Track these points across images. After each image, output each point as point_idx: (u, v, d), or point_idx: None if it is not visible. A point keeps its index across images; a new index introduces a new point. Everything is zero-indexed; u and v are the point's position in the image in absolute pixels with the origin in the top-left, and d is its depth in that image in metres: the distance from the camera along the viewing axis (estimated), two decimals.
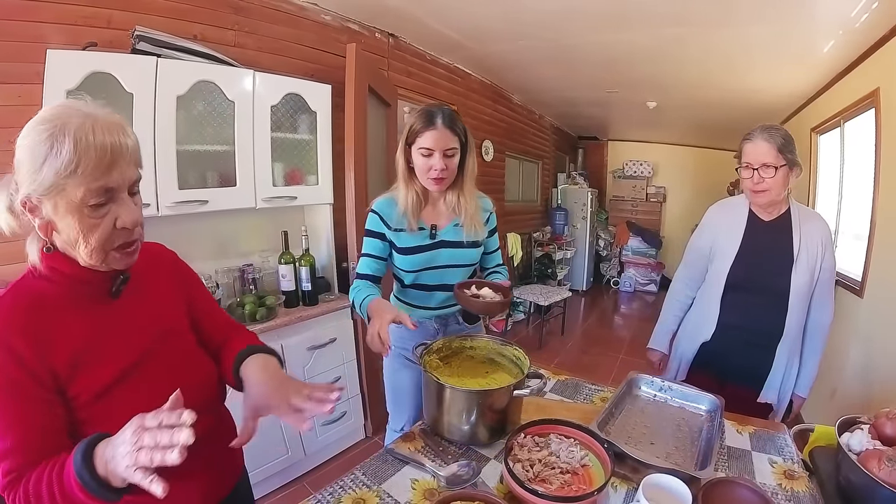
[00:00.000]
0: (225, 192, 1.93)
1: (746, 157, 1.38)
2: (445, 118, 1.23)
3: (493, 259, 1.52)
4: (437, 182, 1.27)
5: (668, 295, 1.74)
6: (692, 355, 1.59)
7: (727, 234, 1.50)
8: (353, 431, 2.45)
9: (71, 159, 0.63)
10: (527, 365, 1.04)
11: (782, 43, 2.73)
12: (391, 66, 3.12)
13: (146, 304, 0.82)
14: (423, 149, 1.23)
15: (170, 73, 1.73)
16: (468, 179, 1.34)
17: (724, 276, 1.48)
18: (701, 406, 1.22)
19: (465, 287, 1.27)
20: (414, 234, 1.31)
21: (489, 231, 1.44)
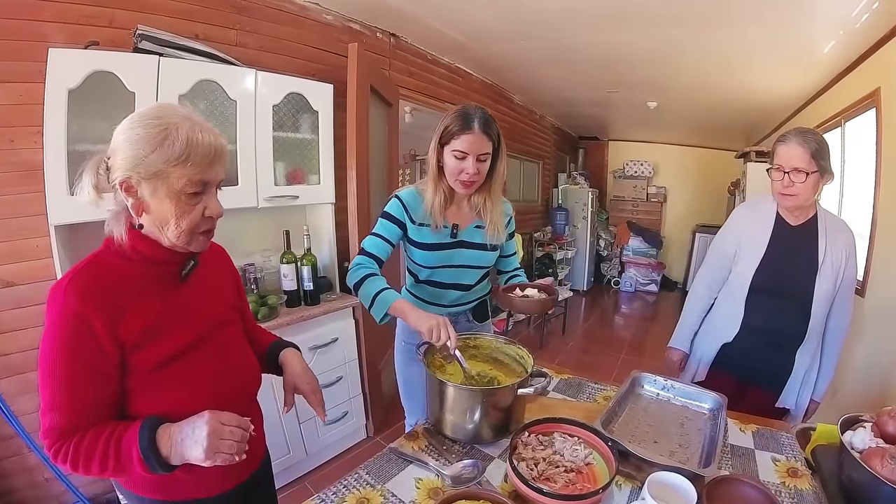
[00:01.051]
0: (227, 192, 1.87)
1: (778, 158, 1.37)
2: (482, 122, 1.22)
3: (511, 262, 1.53)
4: (467, 186, 1.26)
5: (689, 295, 1.73)
6: (712, 356, 1.59)
7: (753, 237, 1.49)
8: (355, 431, 2.45)
9: (183, 151, 0.73)
10: (530, 364, 1.05)
11: (782, 44, 2.74)
12: (393, 66, 3.12)
13: (206, 292, 0.91)
14: (457, 151, 1.22)
15: (172, 73, 1.73)
16: (497, 184, 1.34)
17: (748, 279, 1.48)
18: (704, 404, 1.22)
19: (509, 291, 1.31)
20: (436, 231, 1.32)
21: (508, 234, 1.45)
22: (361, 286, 1.23)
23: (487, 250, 1.38)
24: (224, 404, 0.82)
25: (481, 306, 1.53)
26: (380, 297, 1.18)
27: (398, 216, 1.32)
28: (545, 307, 1.29)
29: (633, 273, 6.58)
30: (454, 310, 1.44)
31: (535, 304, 1.26)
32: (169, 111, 0.76)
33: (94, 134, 1.62)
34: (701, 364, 1.62)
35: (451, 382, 0.95)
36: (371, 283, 1.22)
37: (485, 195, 1.34)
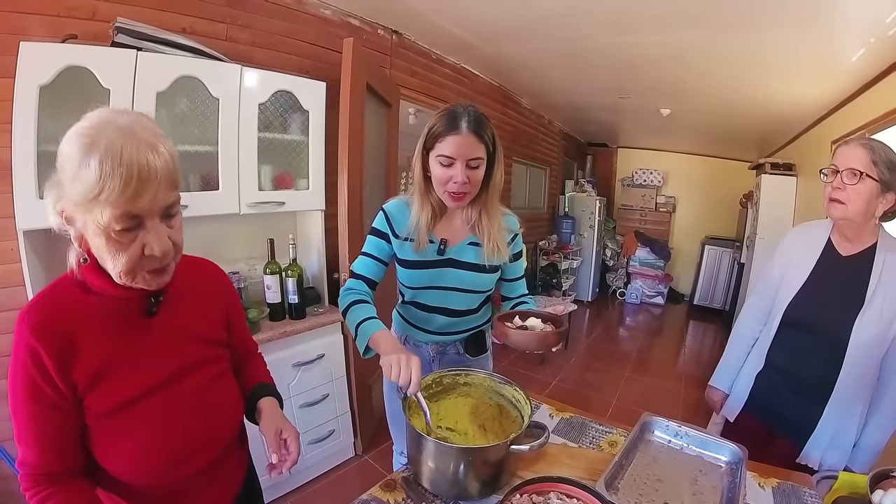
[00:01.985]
0: (206, 197, 1.80)
1: (835, 158, 1.19)
2: (472, 122, 1.05)
3: (516, 288, 1.32)
4: (456, 198, 1.09)
5: (734, 327, 1.56)
6: (743, 396, 1.43)
7: (798, 264, 1.32)
8: (342, 450, 2.31)
9: (95, 182, 0.60)
10: (528, 412, 0.90)
11: (807, 50, 2.57)
12: (394, 65, 2.99)
13: (180, 328, 0.81)
14: (442, 157, 1.05)
15: (150, 68, 1.61)
16: (493, 194, 1.16)
17: (782, 310, 1.31)
18: (720, 456, 1.07)
19: (506, 320, 1.09)
20: (420, 248, 1.16)
21: (513, 255, 1.25)
22: (347, 314, 1.11)
23: (484, 272, 1.18)
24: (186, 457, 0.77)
25: (476, 338, 1.33)
26: (361, 328, 1.05)
27: (382, 229, 1.18)
28: (547, 343, 1.02)
29: (640, 284, 6.40)
30: (442, 338, 1.28)
31: (534, 338, 1.02)
32: (98, 122, 0.64)
33: (65, 133, 1.52)
34: (730, 404, 1.46)
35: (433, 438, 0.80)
36: (355, 312, 1.09)
37: (479, 207, 1.16)
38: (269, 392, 0.98)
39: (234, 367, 0.96)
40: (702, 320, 5.76)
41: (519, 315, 1.10)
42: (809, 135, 4.13)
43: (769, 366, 1.35)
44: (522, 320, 1.08)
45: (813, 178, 3.93)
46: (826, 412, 1.23)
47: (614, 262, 6.65)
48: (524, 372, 3.76)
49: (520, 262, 1.31)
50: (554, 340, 1.02)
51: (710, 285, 6.05)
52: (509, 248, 1.22)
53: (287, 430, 0.90)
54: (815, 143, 3.91)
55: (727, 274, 5.81)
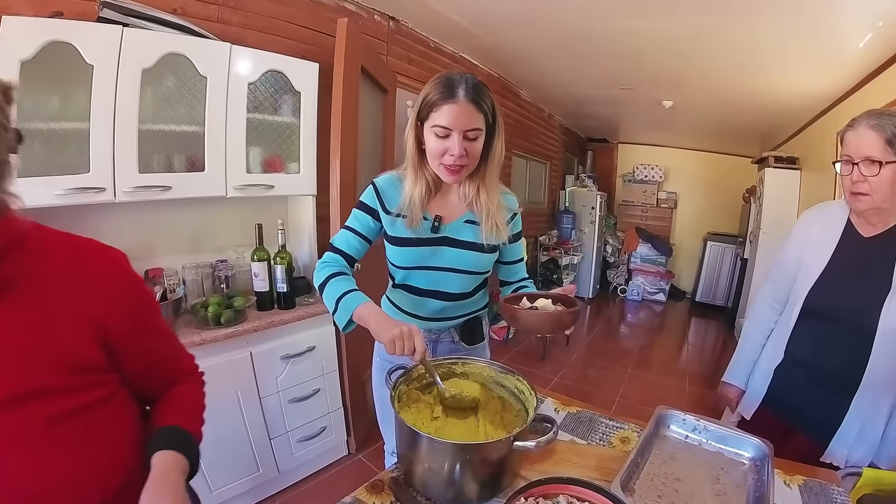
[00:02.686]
0: (191, 178, 1.71)
1: (846, 148, 1.10)
2: (469, 89, 0.96)
3: (515, 271, 1.24)
4: (453, 171, 1.00)
5: (747, 318, 1.47)
6: (760, 391, 1.33)
7: (816, 248, 1.23)
8: (335, 448, 2.22)
9: None
10: (533, 404, 0.80)
11: (812, 37, 2.48)
12: (391, 52, 2.89)
13: (14, 335, 0.57)
14: (438, 127, 0.97)
15: (136, 44, 1.53)
16: (492, 169, 1.08)
17: (801, 298, 1.22)
18: (744, 452, 0.98)
19: (513, 302, 0.99)
20: (413, 225, 1.07)
21: (513, 235, 1.17)
22: (325, 288, 1.01)
23: (482, 251, 1.10)
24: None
25: (472, 324, 1.24)
26: (343, 300, 0.96)
27: (371, 204, 1.09)
28: (562, 324, 0.93)
29: (641, 281, 6.31)
30: (435, 325, 1.18)
31: (548, 319, 0.92)
32: None
33: (47, 110, 1.45)
34: (747, 400, 1.37)
35: (425, 433, 0.70)
36: (335, 285, 1.00)
37: (477, 183, 1.07)
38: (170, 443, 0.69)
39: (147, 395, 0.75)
40: (704, 317, 5.68)
41: (527, 297, 1.01)
42: (813, 127, 4.04)
43: (789, 358, 1.26)
44: (531, 302, 0.98)
45: (817, 172, 3.86)
46: (853, 405, 1.14)
47: (615, 259, 6.56)
48: (524, 368, 3.66)
49: (519, 244, 1.23)
50: (570, 320, 0.92)
51: (712, 282, 5.97)
52: (508, 227, 1.13)
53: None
54: (819, 135, 3.83)
55: (729, 270, 5.73)
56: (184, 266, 1.90)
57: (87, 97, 1.46)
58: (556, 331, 0.95)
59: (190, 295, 1.89)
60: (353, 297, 0.97)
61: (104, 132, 1.50)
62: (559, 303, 0.99)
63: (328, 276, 1.03)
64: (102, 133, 1.49)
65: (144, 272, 1.77)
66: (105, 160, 1.51)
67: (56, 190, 1.42)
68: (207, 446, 1.67)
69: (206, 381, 1.05)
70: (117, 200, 1.55)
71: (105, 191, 1.52)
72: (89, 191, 1.49)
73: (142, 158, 1.60)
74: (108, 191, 1.52)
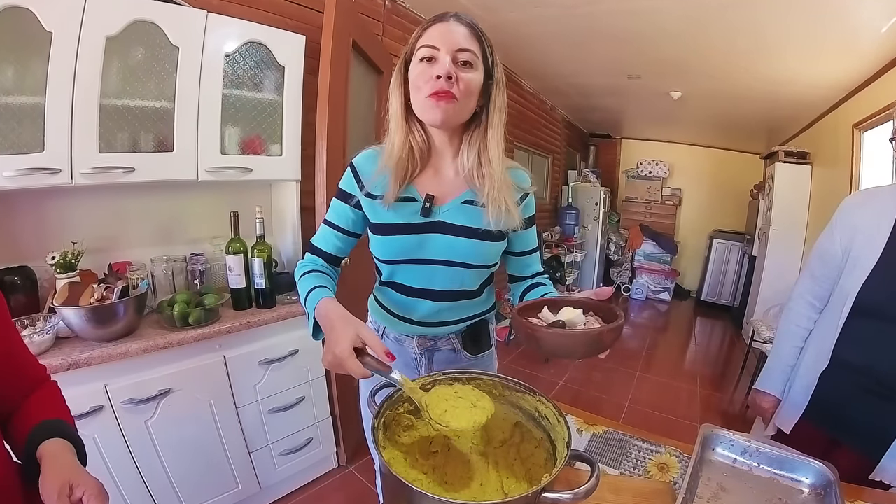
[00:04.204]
0: (158, 159, 1.51)
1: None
2: (462, 17, 0.82)
3: (528, 264, 1.00)
4: (440, 97, 0.78)
5: (783, 318, 1.29)
6: (802, 402, 1.17)
7: (866, 239, 1.07)
8: (323, 460, 2.03)
9: None
10: (563, 437, 0.58)
11: (831, 20, 2.31)
12: (387, 32, 2.70)
13: None
14: (423, 48, 0.79)
15: (100, 10, 1.36)
16: (494, 128, 0.85)
17: (852, 295, 1.06)
18: (803, 478, 0.82)
19: (530, 313, 0.76)
20: (398, 204, 0.86)
21: (525, 220, 0.93)
22: (300, 293, 0.85)
23: (486, 239, 0.88)
24: None
25: (476, 330, 1.01)
26: (306, 300, 0.81)
27: (349, 190, 0.90)
28: (600, 346, 0.67)
29: (645, 280, 6.14)
30: (431, 331, 0.97)
31: (582, 341, 0.66)
32: None
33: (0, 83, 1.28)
34: (786, 411, 1.20)
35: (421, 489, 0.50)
36: (303, 285, 0.84)
37: (478, 145, 0.86)
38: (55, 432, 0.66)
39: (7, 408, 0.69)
40: (709, 317, 5.51)
41: (548, 305, 0.77)
42: (826, 120, 3.90)
43: (836, 363, 1.10)
44: (553, 312, 0.74)
45: (830, 167, 3.71)
46: None
47: (618, 257, 6.39)
48: (528, 371, 3.49)
49: (532, 231, 0.99)
50: (610, 340, 0.67)
51: (717, 281, 5.81)
52: (520, 209, 0.90)
53: (82, 483, 0.59)
54: (832, 128, 3.69)
55: (736, 269, 5.57)
56: (153, 259, 1.70)
57: (44, 68, 1.30)
58: (591, 354, 0.69)
59: (161, 291, 1.69)
60: (313, 295, 0.80)
61: (62, 107, 1.33)
62: (591, 313, 0.74)
63: (300, 277, 0.87)
64: (60, 108, 1.32)
65: (108, 265, 1.58)
66: (61, 138, 1.34)
67: (6, 171, 1.26)
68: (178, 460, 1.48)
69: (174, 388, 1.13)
70: (74, 183, 1.37)
71: (61, 172, 1.34)
72: (42, 171, 1.31)
73: (103, 137, 1.42)
74: (63, 172, 1.35)
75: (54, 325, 1.30)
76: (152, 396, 1.38)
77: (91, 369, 1.26)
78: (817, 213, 3.92)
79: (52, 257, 1.43)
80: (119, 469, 1.34)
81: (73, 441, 0.67)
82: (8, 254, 1.44)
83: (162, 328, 1.47)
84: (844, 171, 3.32)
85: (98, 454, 1.29)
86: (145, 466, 1.40)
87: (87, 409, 1.25)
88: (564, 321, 0.70)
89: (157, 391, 1.39)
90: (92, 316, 1.28)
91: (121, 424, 1.33)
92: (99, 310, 1.29)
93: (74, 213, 1.57)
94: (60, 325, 1.31)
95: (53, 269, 1.42)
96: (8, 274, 1.40)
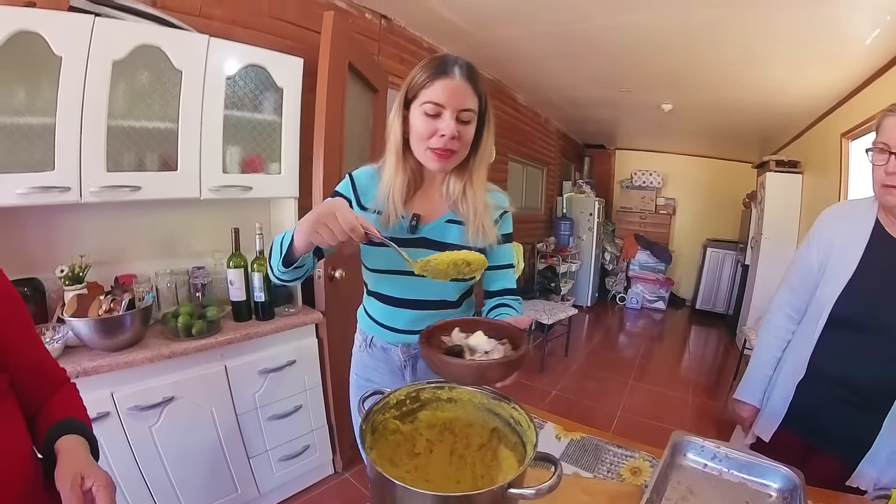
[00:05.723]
0: (163, 178, 1.59)
1: (883, 135, 1.00)
2: (464, 68, 0.88)
3: (500, 279, 1.07)
4: (442, 156, 0.89)
5: (762, 328, 1.34)
6: (780, 410, 1.20)
7: (842, 251, 1.11)
8: (319, 467, 2.08)
9: None
10: (532, 440, 0.66)
11: (820, 32, 2.38)
12: (382, 51, 2.79)
13: None
14: (429, 104, 0.86)
15: (107, 35, 1.43)
16: (480, 165, 0.97)
17: (828, 307, 1.10)
18: (770, 482, 0.87)
19: (441, 333, 0.80)
20: (389, 223, 0.95)
21: (502, 236, 1.04)
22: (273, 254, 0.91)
23: None
24: None
25: None
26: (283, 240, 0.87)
27: (346, 195, 0.98)
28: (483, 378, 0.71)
29: (640, 289, 6.20)
30: (414, 339, 1.02)
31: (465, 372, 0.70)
32: None
33: (11, 104, 1.35)
34: (765, 420, 1.24)
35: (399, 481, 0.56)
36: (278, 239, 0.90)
37: (464, 179, 0.96)
38: (71, 429, 0.73)
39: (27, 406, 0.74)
40: (704, 325, 5.57)
41: (460, 327, 0.81)
42: (816, 129, 3.97)
43: (813, 373, 1.14)
44: (468, 334, 0.78)
45: (820, 176, 3.79)
46: (886, 424, 1.02)
47: (614, 267, 6.46)
48: (522, 381, 3.53)
49: (508, 248, 1.08)
50: (496, 375, 0.70)
51: (712, 289, 5.88)
52: (497, 226, 1.01)
53: (93, 475, 0.64)
54: (822, 138, 3.75)
55: (730, 277, 5.63)
56: (157, 273, 1.77)
57: (54, 90, 1.37)
58: (480, 384, 0.74)
59: (164, 303, 1.76)
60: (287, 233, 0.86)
61: (71, 128, 1.40)
62: (506, 340, 0.78)
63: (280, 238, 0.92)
64: (69, 129, 1.39)
65: (115, 278, 1.65)
66: (71, 158, 1.41)
67: (18, 188, 1.32)
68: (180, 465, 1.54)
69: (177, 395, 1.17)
70: (83, 201, 1.44)
71: (70, 190, 1.41)
72: (53, 190, 1.38)
73: (110, 156, 1.49)
74: (73, 190, 1.42)
75: (64, 334, 1.37)
76: (156, 403, 1.44)
77: (99, 377, 1.33)
78: (808, 222, 3.95)
79: (61, 270, 1.50)
80: (123, 473, 1.40)
81: (88, 438, 0.73)
82: (19, 266, 1.50)
83: (166, 339, 1.53)
84: (834, 180, 3.37)
85: (104, 458, 1.34)
86: (149, 470, 1.46)
87: (95, 415, 1.30)
88: (465, 346, 0.76)
89: (162, 398, 1.46)
90: (100, 327, 1.35)
91: (126, 430, 1.39)
92: (107, 321, 1.36)
93: (82, 227, 1.64)
94: (69, 334, 1.38)
95: (62, 281, 1.49)
96: (18, 285, 1.45)
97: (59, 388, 0.82)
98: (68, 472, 0.63)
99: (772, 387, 1.27)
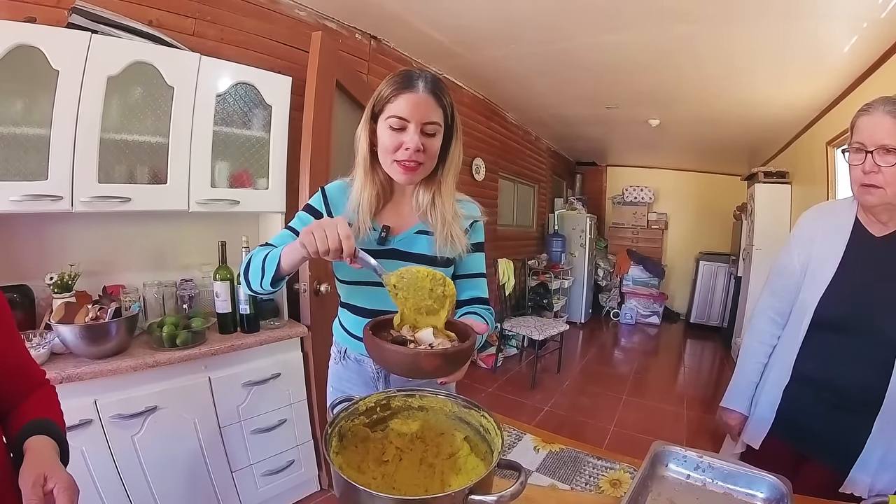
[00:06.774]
0: (152, 190, 1.62)
1: (859, 135, 1.00)
2: (429, 82, 0.91)
3: (471, 288, 1.06)
4: (408, 169, 0.91)
5: (746, 335, 1.33)
6: (768, 417, 1.18)
7: (822, 252, 1.11)
8: (305, 483, 2.05)
9: None
10: (498, 445, 0.66)
11: (798, 43, 2.44)
12: (372, 71, 2.87)
13: None
14: (393, 118, 0.89)
15: (103, 51, 1.50)
16: (449, 176, 0.99)
17: (811, 309, 1.08)
18: (757, 493, 0.83)
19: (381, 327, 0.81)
20: (358, 235, 0.96)
21: (472, 245, 1.04)
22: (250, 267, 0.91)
23: (434, 265, 0.96)
24: None
25: None
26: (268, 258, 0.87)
27: (317, 207, 1.01)
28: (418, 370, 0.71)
29: (634, 304, 6.21)
30: None
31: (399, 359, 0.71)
32: None
33: (9, 115, 1.41)
34: (753, 427, 1.22)
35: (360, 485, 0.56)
36: (258, 253, 0.91)
37: (433, 190, 0.98)
38: (42, 430, 0.72)
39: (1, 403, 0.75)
40: (699, 338, 5.56)
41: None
42: (802, 139, 4.03)
43: (798, 378, 1.12)
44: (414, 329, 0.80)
45: (808, 185, 3.82)
46: (875, 427, 1.00)
47: (607, 282, 6.48)
48: (513, 398, 3.51)
49: (479, 256, 1.08)
50: (432, 367, 0.70)
51: (706, 302, 5.89)
52: (467, 235, 1.02)
53: (56, 476, 0.63)
54: (808, 147, 3.80)
55: (723, 290, 5.65)
56: (145, 283, 1.79)
57: (50, 103, 1.43)
58: (413, 376, 0.73)
59: (151, 314, 1.77)
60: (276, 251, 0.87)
61: (65, 139, 1.45)
62: (455, 337, 0.81)
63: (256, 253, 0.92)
64: (63, 140, 1.44)
65: (103, 288, 1.66)
66: (64, 168, 1.45)
67: (12, 196, 1.36)
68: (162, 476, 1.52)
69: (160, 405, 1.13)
70: (74, 210, 1.48)
71: (62, 199, 1.45)
72: (45, 198, 1.42)
73: (102, 168, 1.54)
74: (65, 199, 1.46)
75: (50, 340, 1.38)
76: (139, 412, 1.44)
77: (82, 384, 1.33)
78: None
79: (51, 278, 1.52)
80: (104, 482, 1.39)
81: (59, 440, 0.73)
82: (9, 272, 1.53)
83: (151, 348, 1.54)
84: (821, 188, 3.38)
85: (85, 466, 1.34)
86: (130, 480, 1.45)
87: (77, 422, 1.31)
88: (410, 338, 0.77)
89: (145, 408, 1.45)
90: (86, 334, 1.36)
91: (108, 438, 1.39)
92: (93, 328, 1.37)
93: (73, 237, 1.66)
94: (56, 341, 1.39)
95: (51, 288, 1.51)
96: (8, 292, 1.48)
97: (37, 389, 0.82)
98: (31, 472, 0.63)
99: (759, 393, 1.25)
